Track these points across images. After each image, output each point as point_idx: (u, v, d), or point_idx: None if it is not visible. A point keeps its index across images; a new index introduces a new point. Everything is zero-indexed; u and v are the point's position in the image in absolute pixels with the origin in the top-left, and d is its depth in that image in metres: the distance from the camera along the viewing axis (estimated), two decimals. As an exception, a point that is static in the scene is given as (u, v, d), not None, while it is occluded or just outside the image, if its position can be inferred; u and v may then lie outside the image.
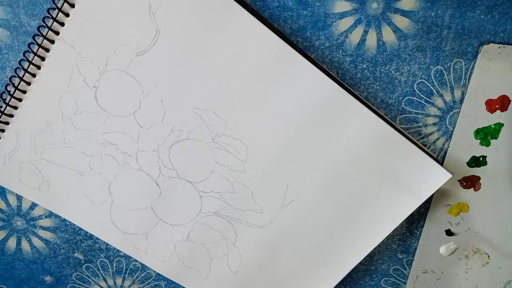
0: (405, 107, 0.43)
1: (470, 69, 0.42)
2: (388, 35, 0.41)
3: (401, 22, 0.40)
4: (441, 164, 0.45)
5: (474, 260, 0.50)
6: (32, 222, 0.50)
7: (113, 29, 0.40)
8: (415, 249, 0.50)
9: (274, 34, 0.39)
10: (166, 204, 0.46)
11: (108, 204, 0.46)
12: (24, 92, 0.42)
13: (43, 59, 0.41)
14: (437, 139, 0.45)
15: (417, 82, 0.42)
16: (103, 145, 0.44)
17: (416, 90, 0.43)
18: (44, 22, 0.39)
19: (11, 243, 0.51)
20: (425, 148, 0.45)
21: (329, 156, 0.44)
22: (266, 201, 0.46)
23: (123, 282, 0.53)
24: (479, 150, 0.45)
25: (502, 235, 0.49)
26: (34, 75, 0.41)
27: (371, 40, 0.41)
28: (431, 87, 0.43)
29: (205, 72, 0.41)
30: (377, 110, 0.43)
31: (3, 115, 0.42)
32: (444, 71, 0.42)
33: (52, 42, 0.40)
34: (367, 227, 0.47)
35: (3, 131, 0.44)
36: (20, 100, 0.42)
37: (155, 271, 0.52)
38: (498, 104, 0.43)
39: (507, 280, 0.51)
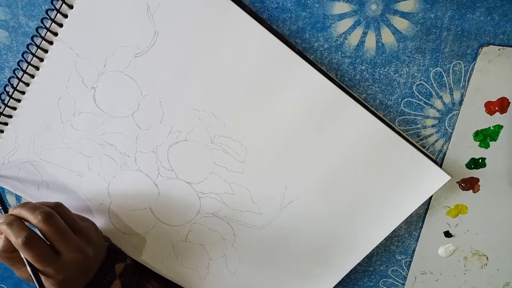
0: (404, 108, 0.43)
1: (469, 71, 0.42)
2: (387, 37, 0.40)
3: (400, 23, 0.40)
4: (440, 166, 0.45)
5: (472, 262, 0.50)
6: (31, 222, 0.50)
7: (112, 30, 0.40)
8: (414, 250, 0.50)
9: (272, 35, 0.39)
10: (165, 204, 0.46)
11: (107, 205, 0.47)
12: (23, 93, 0.42)
13: (41, 60, 0.41)
14: (436, 141, 0.45)
15: (416, 83, 0.42)
16: (102, 146, 0.44)
17: (415, 91, 0.42)
18: (42, 23, 0.39)
19: (11, 243, 0.51)
20: (424, 150, 0.45)
21: (327, 158, 0.44)
22: (265, 202, 0.46)
23: (122, 282, 0.53)
24: (478, 152, 0.45)
25: (501, 237, 0.49)
26: (32, 76, 0.41)
27: (370, 41, 0.41)
28: (430, 89, 0.42)
29: (204, 73, 0.41)
30: (376, 112, 0.43)
31: (2, 116, 0.42)
32: (443, 72, 0.42)
33: (51, 43, 0.40)
34: (365, 228, 0.47)
35: (2, 131, 0.44)
36: (19, 101, 0.42)
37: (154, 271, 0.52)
38: (497, 106, 0.43)
39: (505, 282, 0.51)
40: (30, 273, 0.37)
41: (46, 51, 0.40)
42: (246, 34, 0.39)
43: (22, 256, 0.37)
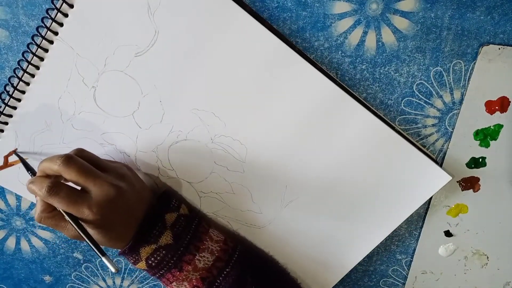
0: (404, 108, 0.43)
1: (469, 70, 0.42)
2: (388, 36, 0.40)
3: (401, 23, 0.40)
4: (441, 165, 0.45)
5: (473, 261, 0.50)
6: (31, 222, 0.50)
7: (112, 29, 0.40)
8: (414, 250, 0.50)
9: (273, 35, 0.39)
10: (165, 204, 0.46)
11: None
12: (23, 92, 0.42)
13: (42, 59, 0.41)
14: (436, 140, 0.45)
15: (416, 83, 0.42)
16: (102, 146, 0.44)
17: (416, 91, 0.43)
18: (43, 22, 0.39)
19: (10, 242, 0.51)
20: (425, 149, 0.45)
21: (327, 157, 0.44)
22: (265, 201, 0.46)
23: (122, 282, 0.53)
24: (478, 151, 0.45)
25: (501, 236, 0.49)
26: (33, 76, 0.41)
27: (371, 41, 0.41)
28: (431, 88, 0.42)
29: (204, 73, 0.41)
30: (376, 111, 0.43)
31: (2, 115, 0.42)
32: (443, 72, 0.42)
33: (51, 42, 0.40)
34: (366, 228, 0.47)
35: (2, 131, 0.44)
36: (19, 100, 0.42)
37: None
38: (497, 105, 0.43)
39: (506, 281, 0.51)
40: (68, 219, 0.36)
41: (46, 50, 0.40)
42: (246, 33, 0.39)
43: (56, 206, 0.36)
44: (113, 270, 0.35)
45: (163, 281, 0.42)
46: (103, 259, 0.35)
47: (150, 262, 0.40)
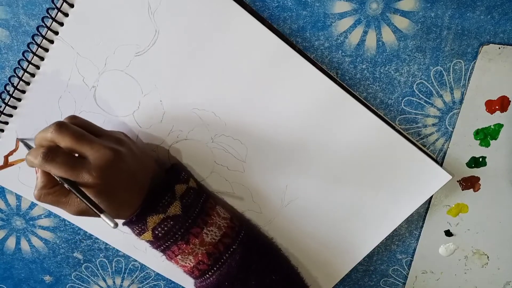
0: (404, 107, 0.43)
1: (470, 69, 0.42)
2: (388, 36, 0.40)
3: (401, 22, 0.40)
4: (441, 164, 0.45)
5: (473, 261, 0.50)
6: (31, 222, 0.50)
7: (113, 29, 0.40)
8: (414, 249, 0.50)
9: (273, 34, 0.39)
10: (165, 204, 0.46)
11: (107, 204, 0.46)
12: (24, 92, 0.42)
13: (42, 59, 0.41)
14: (436, 140, 0.45)
15: (416, 82, 0.42)
16: (102, 145, 0.44)
17: (416, 90, 0.43)
18: (43, 22, 0.39)
19: (11, 242, 0.51)
20: (425, 149, 0.45)
21: (328, 157, 0.44)
22: (265, 201, 0.46)
23: (122, 282, 0.53)
24: (478, 151, 0.45)
25: (502, 236, 0.49)
26: (33, 75, 0.41)
27: (371, 40, 0.41)
28: (431, 88, 0.42)
29: (205, 72, 0.41)
30: (377, 111, 0.43)
31: (2, 115, 0.42)
32: (443, 71, 0.42)
33: (51, 42, 0.40)
34: (366, 228, 0.47)
35: (2, 131, 0.44)
36: (19, 100, 0.42)
37: (154, 271, 0.52)
38: (497, 104, 0.43)
39: (506, 281, 0.51)
40: (68, 187, 0.34)
41: (46, 50, 0.40)
42: (247, 33, 0.39)
43: (54, 174, 0.35)
44: (111, 225, 0.33)
45: (168, 254, 0.41)
46: (102, 216, 0.34)
47: (156, 232, 0.39)
